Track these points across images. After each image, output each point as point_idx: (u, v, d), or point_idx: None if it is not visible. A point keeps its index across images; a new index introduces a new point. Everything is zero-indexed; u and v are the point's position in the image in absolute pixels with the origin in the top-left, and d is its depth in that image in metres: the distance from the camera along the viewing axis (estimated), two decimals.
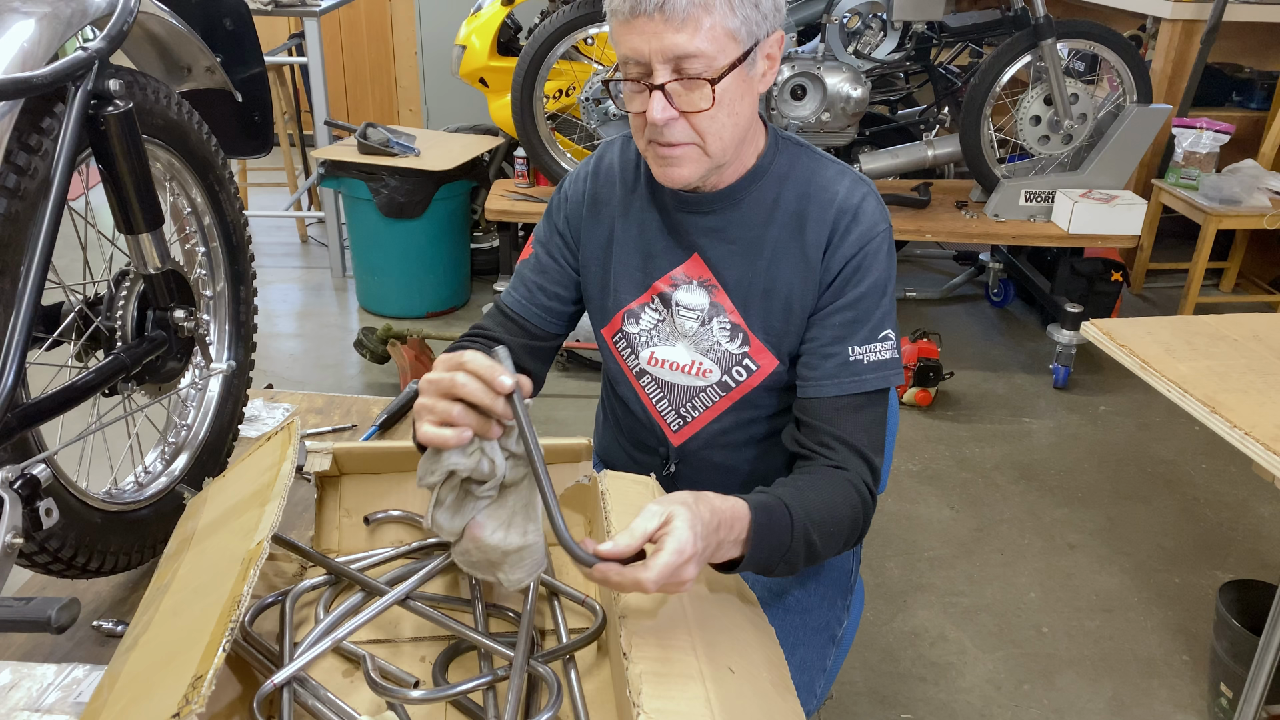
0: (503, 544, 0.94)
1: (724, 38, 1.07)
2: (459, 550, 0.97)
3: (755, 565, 1.03)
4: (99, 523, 1.23)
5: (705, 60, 1.07)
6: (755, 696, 0.92)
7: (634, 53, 1.08)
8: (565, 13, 3.16)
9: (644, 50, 1.07)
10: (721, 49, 1.07)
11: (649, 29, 1.06)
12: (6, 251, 1.04)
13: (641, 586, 0.85)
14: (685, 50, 1.06)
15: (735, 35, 1.08)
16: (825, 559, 1.14)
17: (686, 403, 1.30)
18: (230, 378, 1.55)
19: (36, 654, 1.26)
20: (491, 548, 0.94)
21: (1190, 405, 1.32)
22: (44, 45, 1.13)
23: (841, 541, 1.14)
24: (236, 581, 0.82)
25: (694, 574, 0.89)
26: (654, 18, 1.05)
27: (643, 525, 0.88)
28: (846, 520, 1.13)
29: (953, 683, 2.13)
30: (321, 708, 0.89)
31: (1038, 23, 3.14)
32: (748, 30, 1.09)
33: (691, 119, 1.11)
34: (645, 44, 1.07)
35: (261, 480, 1.00)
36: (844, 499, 1.14)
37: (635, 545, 0.87)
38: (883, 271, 1.20)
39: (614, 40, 1.11)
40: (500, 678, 0.93)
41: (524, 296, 1.33)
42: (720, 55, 1.08)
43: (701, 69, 1.07)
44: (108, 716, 0.76)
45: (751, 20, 1.09)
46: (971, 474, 2.93)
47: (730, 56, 1.08)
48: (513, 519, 0.95)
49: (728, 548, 0.98)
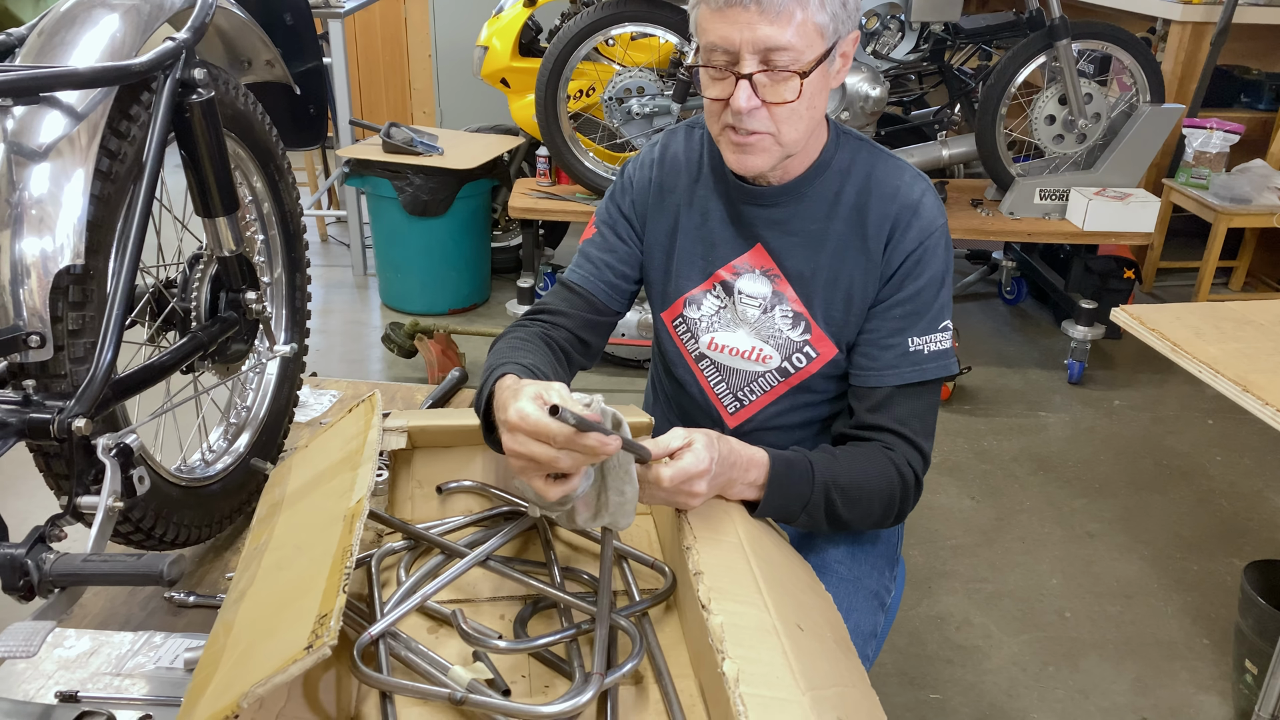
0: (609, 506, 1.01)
1: (813, 33, 1.11)
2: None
3: (773, 510, 1.13)
4: (175, 496, 1.28)
5: (794, 54, 1.10)
6: (824, 653, 0.97)
7: (723, 41, 1.11)
8: (587, 14, 3.21)
9: (734, 40, 1.10)
10: (810, 44, 1.11)
11: (742, 19, 1.09)
12: (99, 232, 1.09)
13: (659, 480, 1.00)
14: (777, 43, 1.09)
15: (823, 31, 1.11)
16: (856, 526, 1.21)
17: (744, 387, 1.35)
18: (287, 361, 1.60)
19: (112, 623, 1.31)
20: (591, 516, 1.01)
21: (1222, 385, 1.37)
22: (130, 39, 1.19)
23: (876, 512, 1.20)
24: (344, 534, 0.87)
25: (704, 490, 1.02)
26: (749, 8, 1.08)
27: (666, 441, 1.02)
28: (880, 492, 1.19)
29: (979, 665, 2.18)
30: (414, 658, 0.94)
31: (1053, 23, 3.19)
32: (834, 27, 1.12)
33: (773, 110, 1.14)
34: (737, 33, 1.10)
35: (349, 447, 1.05)
36: (880, 473, 1.19)
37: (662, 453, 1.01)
38: (941, 264, 1.25)
39: (700, 27, 1.14)
40: (583, 631, 0.98)
41: (590, 273, 1.37)
42: (808, 50, 1.11)
43: (789, 62, 1.11)
44: (230, 658, 0.81)
45: (839, 18, 1.12)
46: (990, 465, 2.98)
47: (817, 51, 1.12)
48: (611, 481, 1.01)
49: (741, 488, 1.10)
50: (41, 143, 1.06)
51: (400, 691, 0.89)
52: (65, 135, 1.07)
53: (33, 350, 1.04)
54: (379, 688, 0.89)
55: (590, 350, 1.39)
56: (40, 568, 0.94)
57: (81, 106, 1.08)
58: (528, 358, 1.22)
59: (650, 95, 3.25)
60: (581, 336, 1.35)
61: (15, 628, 0.87)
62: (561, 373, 1.31)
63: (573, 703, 0.84)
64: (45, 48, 1.13)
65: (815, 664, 0.92)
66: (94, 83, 1.06)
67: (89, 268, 1.06)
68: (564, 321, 1.35)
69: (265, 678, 0.72)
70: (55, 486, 1.13)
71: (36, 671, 1.18)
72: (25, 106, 1.05)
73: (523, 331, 1.32)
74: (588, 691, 0.85)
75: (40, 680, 1.17)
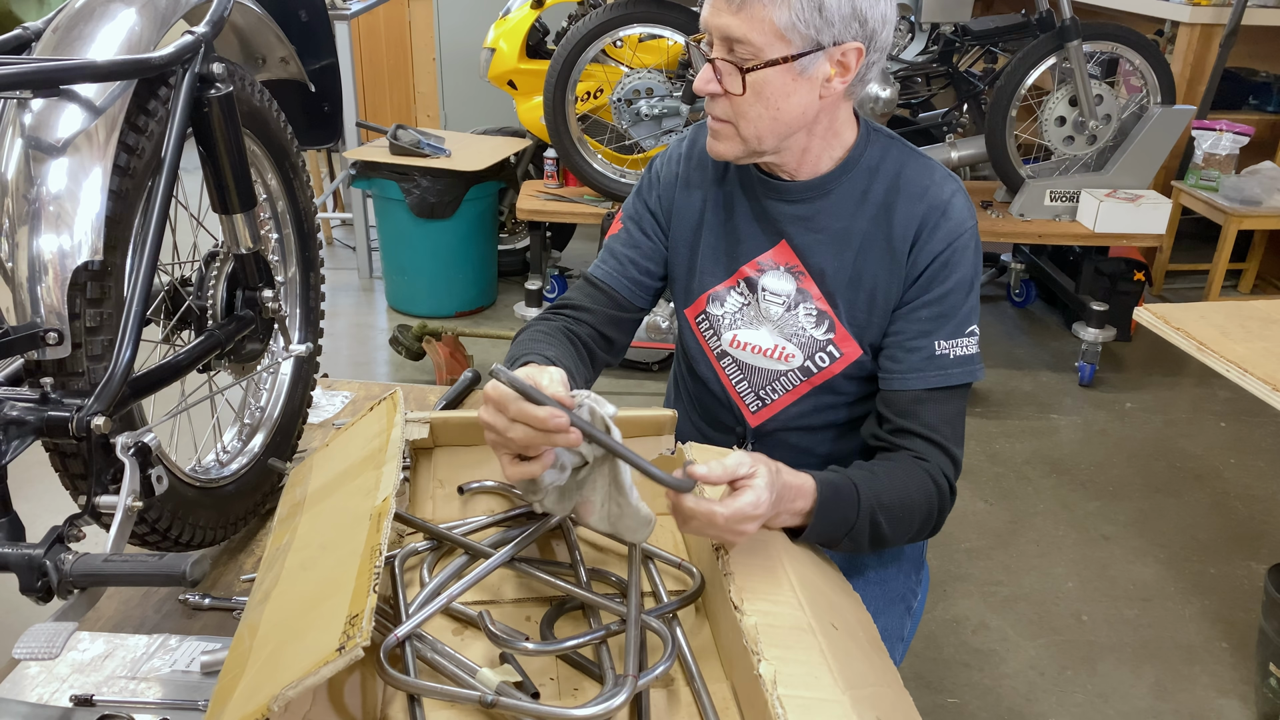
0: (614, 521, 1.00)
1: (770, 32, 1.10)
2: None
3: (817, 537, 1.09)
4: (191, 497, 1.27)
5: (751, 49, 1.11)
6: (859, 653, 0.96)
7: (703, 23, 1.15)
8: (595, 16, 3.21)
9: (709, 23, 1.13)
10: (768, 43, 1.10)
11: (717, 4, 1.12)
12: (117, 228, 1.08)
13: (713, 519, 0.94)
14: (733, 33, 1.10)
15: (784, 34, 1.10)
16: (896, 544, 1.17)
17: (766, 385, 1.33)
18: (301, 361, 1.58)
19: (126, 625, 1.29)
20: (600, 521, 1.00)
21: (1251, 384, 1.36)
22: (147, 34, 1.17)
23: (915, 529, 1.18)
24: (371, 533, 0.85)
25: (754, 531, 0.98)
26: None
27: (734, 465, 0.96)
28: (920, 508, 1.16)
29: (996, 669, 2.16)
30: (441, 660, 0.92)
31: (1063, 25, 3.18)
32: (801, 32, 1.09)
33: (730, 101, 1.15)
34: (711, 18, 1.13)
35: (372, 445, 1.04)
36: (919, 488, 1.17)
37: (724, 478, 0.95)
38: (970, 268, 1.22)
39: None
40: (612, 632, 0.96)
41: (615, 269, 1.36)
42: (767, 49, 1.10)
43: (746, 56, 1.11)
44: (257, 660, 0.79)
45: (811, 24, 1.09)
46: (1003, 468, 2.96)
47: (776, 52, 1.11)
48: (610, 489, 0.99)
49: (785, 517, 1.05)
50: (59, 137, 1.04)
51: (428, 694, 0.87)
52: (83, 130, 1.05)
53: (50, 347, 1.02)
54: (407, 690, 0.87)
55: (614, 347, 1.37)
56: (60, 568, 0.92)
57: (100, 101, 1.07)
58: (550, 350, 1.21)
59: (659, 96, 3.24)
60: (604, 333, 1.33)
61: (36, 629, 0.86)
62: (584, 367, 1.30)
63: (605, 705, 0.83)
64: (62, 42, 1.11)
65: (852, 663, 0.90)
66: (113, 75, 1.05)
67: (107, 264, 1.05)
68: (587, 317, 1.33)
69: (296, 680, 0.70)
70: (71, 487, 1.12)
71: (50, 675, 1.16)
72: (43, 100, 1.04)
73: (546, 325, 1.31)
74: (621, 694, 0.83)
75: (54, 684, 1.15)
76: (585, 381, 1.29)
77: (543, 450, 0.94)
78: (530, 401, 0.89)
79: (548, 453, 0.95)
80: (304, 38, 1.58)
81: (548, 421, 0.89)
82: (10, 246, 1.03)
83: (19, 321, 1.02)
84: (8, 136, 1.04)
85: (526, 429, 0.90)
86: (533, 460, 0.94)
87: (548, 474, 0.97)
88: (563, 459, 0.98)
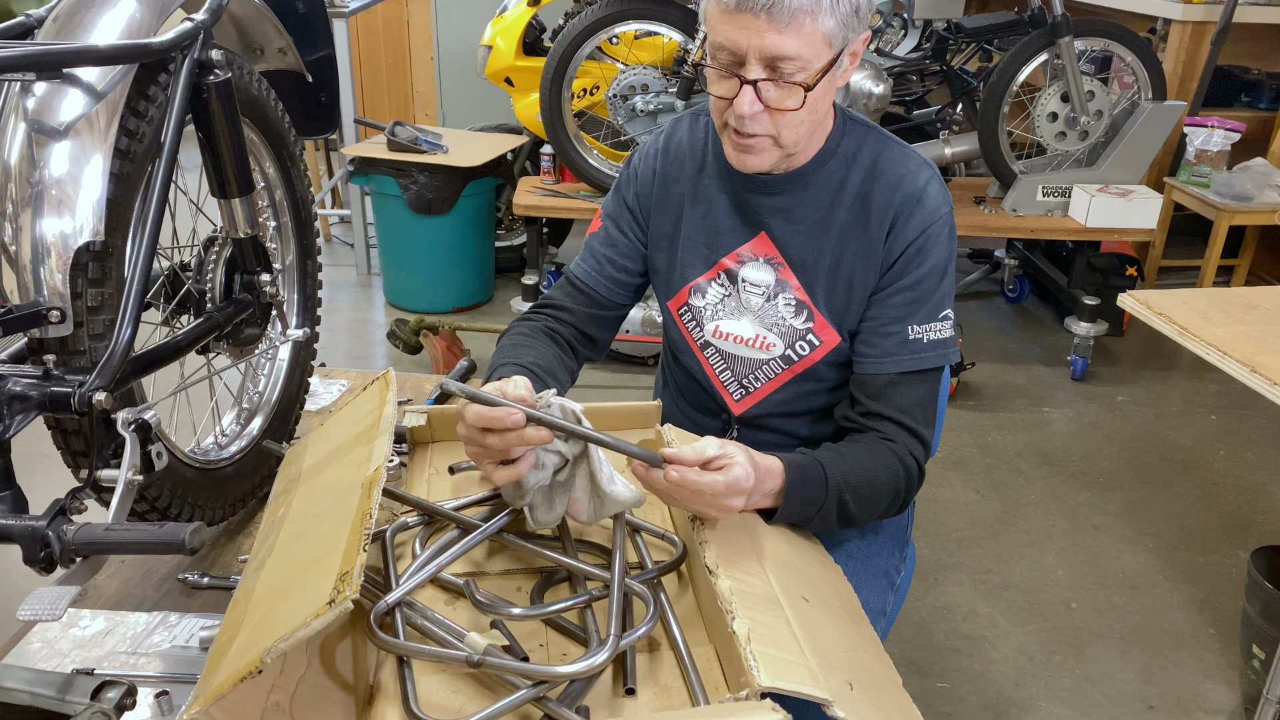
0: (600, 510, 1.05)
1: (820, 42, 1.09)
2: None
3: (788, 517, 1.12)
4: (190, 477, 1.29)
5: (800, 63, 1.09)
6: (831, 621, 0.98)
7: (730, 43, 1.10)
8: (591, 13, 3.23)
9: (742, 44, 1.09)
10: (817, 53, 1.10)
11: (752, 25, 1.07)
12: (118, 210, 1.10)
13: (714, 486, 0.97)
14: (783, 52, 1.08)
15: (830, 40, 1.10)
16: (864, 522, 1.20)
17: (749, 374, 1.35)
18: (299, 347, 1.61)
19: (126, 603, 1.32)
20: (592, 515, 1.05)
21: (1230, 366, 1.38)
22: (147, 21, 1.20)
23: (882, 507, 1.20)
24: (363, 499, 0.88)
25: (739, 507, 1.01)
26: (759, 16, 1.06)
27: (702, 447, 0.99)
28: (886, 487, 1.19)
29: (985, 654, 2.19)
30: (430, 626, 0.95)
31: (1055, 21, 3.21)
32: (843, 34, 1.11)
33: (775, 115, 1.14)
34: (745, 39, 1.08)
35: (365, 422, 1.06)
36: (885, 467, 1.20)
37: (695, 461, 0.98)
38: (944, 254, 1.24)
39: (709, 24, 1.13)
40: (596, 597, 0.98)
41: (593, 268, 1.38)
42: (815, 59, 1.10)
43: (794, 71, 1.10)
44: (253, 619, 0.82)
45: (849, 24, 1.11)
46: (995, 460, 2.98)
47: (824, 60, 1.11)
48: (594, 483, 1.04)
49: (759, 498, 1.08)
50: (62, 121, 1.07)
51: (417, 655, 0.90)
52: (85, 114, 1.08)
53: (53, 326, 1.05)
54: (395, 652, 0.90)
55: (597, 344, 1.40)
56: (61, 538, 0.94)
57: (101, 86, 1.09)
58: (528, 355, 1.25)
59: (655, 92, 3.27)
60: (586, 331, 1.37)
61: (40, 592, 0.88)
62: (568, 363, 1.33)
63: (589, 663, 0.85)
64: (64, 29, 1.14)
65: (822, 632, 0.93)
66: (115, 60, 1.08)
67: (108, 245, 1.07)
68: (568, 317, 1.37)
69: (288, 633, 0.73)
70: (72, 463, 1.14)
71: (52, 650, 1.19)
72: (46, 85, 1.07)
73: (526, 326, 1.34)
74: (604, 652, 0.86)
75: (56, 659, 1.17)
76: (569, 376, 1.33)
77: (523, 452, 1.00)
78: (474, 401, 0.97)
79: (528, 454, 1.01)
80: (301, 29, 1.61)
81: (505, 420, 0.96)
82: (14, 229, 1.05)
83: (22, 301, 1.04)
84: (11, 120, 1.07)
85: (496, 434, 0.97)
86: (515, 462, 1.00)
87: (530, 475, 1.03)
88: (543, 459, 1.04)
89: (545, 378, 1.22)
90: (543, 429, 0.98)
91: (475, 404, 0.98)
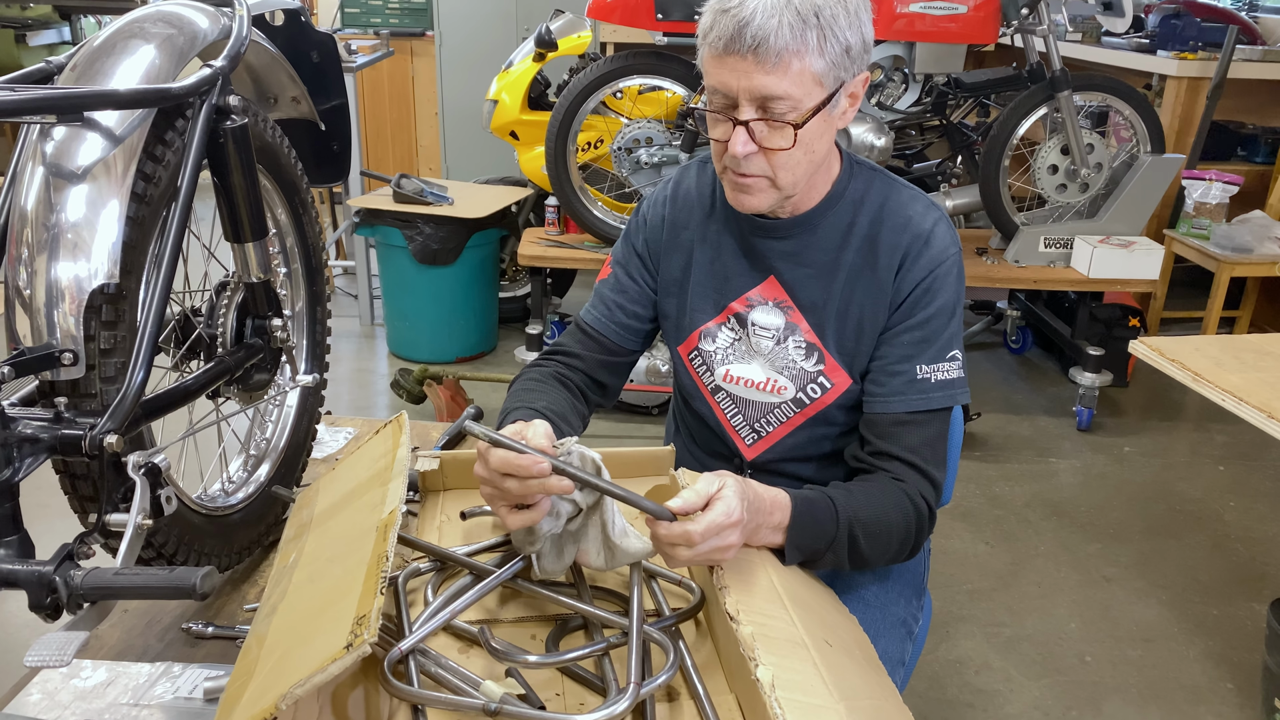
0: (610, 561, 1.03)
1: (810, 82, 1.11)
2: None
3: (799, 551, 1.10)
4: (197, 523, 1.28)
5: (791, 103, 1.11)
6: (854, 668, 0.96)
7: (722, 86, 1.13)
8: (596, 68, 3.28)
9: (732, 86, 1.11)
10: (807, 93, 1.11)
11: (740, 67, 1.10)
12: (133, 253, 1.10)
13: (689, 539, 0.95)
14: (772, 92, 1.10)
15: (821, 79, 1.12)
16: (876, 564, 1.19)
17: (761, 418, 1.34)
18: (307, 393, 1.60)
19: (129, 654, 1.29)
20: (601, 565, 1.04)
21: (1246, 412, 1.38)
22: (166, 68, 1.21)
23: (893, 548, 1.19)
24: (378, 542, 0.86)
25: (737, 541, 0.99)
26: (746, 58, 1.08)
27: (704, 487, 0.98)
28: (897, 526, 1.18)
29: (1000, 709, 2.14)
30: (445, 674, 0.93)
31: (1054, 75, 3.26)
32: (834, 75, 1.13)
33: (769, 155, 1.15)
34: (735, 80, 1.11)
35: (378, 465, 1.05)
36: (895, 506, 1.19)
37: (700, 502, 0.97)
38: (952, 294, 1.25)
39: (704, 70, 1.15)
40: (614, 644, 0.96)
41: (603, 314, 1.38)
42: (806, 99, 1.12)
43: (785, 110, 1.11)
44: (265, 666, 0.80)
45: (840, 65, 1.12)
46: (1003, 511, 2.96)
47: (815, 100, 1.12)
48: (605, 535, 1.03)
49: (766, 532, 1.06)
50: (80, 165, 1.07)
51: (432, 704, 0.87)
52: (102, 159, 1.09)
53: (65, 368, 1.04)
54: (410, 700, 0.88)
55: (607, 390, 1.40)
56: (69, 584, 0.93)
57: (119, 130, 1.10)
58: (541, 400, 1.24)
59: (659, 145, 3.30)
60: (596, 377, 1.36)
61: (48, 638, 0.86)
62: (580, 409, 1.33)
63: (609, 711, 0.83)
64: (84, 75, 1.15)
65: (847, 677, 0.91)
66: (134, 104, 1.08)
67: (122, 288, 1.07)
68: (579, 364, 1.37)
69: (304, 678, 0.71)
70: (80, 509, 1.13)
71: (53, 701, 1.16)
72: (65, 129, 1.07)
73: (538, 372, 1.34)
74: (624, 700, 0.84)
75: (57, 710, 1.15)
76: (581, 422, 1.32)
77: (539, 499, 0.99)
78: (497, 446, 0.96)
79: (544, 501, 0.99)
80: (315, 78, 1.63)
81: (531, 468, 0.94)
82: (29, 273, 1.05)
83: (35, 343, 1.04)
84: (29, 165, 1.07)
85: (517, 480, 0.96)
86: (530, 508, 0.99)
87: (544, 522, 1.02)
88: (558, 507, 1.02)
89: (559, 423, 1.21)
90: (565, 479, 0.96)
91: (499, 448, 0.96)
